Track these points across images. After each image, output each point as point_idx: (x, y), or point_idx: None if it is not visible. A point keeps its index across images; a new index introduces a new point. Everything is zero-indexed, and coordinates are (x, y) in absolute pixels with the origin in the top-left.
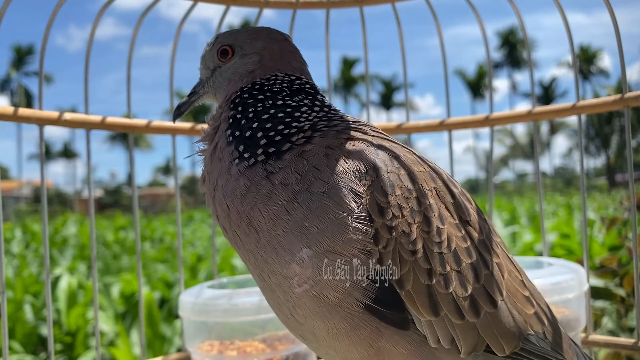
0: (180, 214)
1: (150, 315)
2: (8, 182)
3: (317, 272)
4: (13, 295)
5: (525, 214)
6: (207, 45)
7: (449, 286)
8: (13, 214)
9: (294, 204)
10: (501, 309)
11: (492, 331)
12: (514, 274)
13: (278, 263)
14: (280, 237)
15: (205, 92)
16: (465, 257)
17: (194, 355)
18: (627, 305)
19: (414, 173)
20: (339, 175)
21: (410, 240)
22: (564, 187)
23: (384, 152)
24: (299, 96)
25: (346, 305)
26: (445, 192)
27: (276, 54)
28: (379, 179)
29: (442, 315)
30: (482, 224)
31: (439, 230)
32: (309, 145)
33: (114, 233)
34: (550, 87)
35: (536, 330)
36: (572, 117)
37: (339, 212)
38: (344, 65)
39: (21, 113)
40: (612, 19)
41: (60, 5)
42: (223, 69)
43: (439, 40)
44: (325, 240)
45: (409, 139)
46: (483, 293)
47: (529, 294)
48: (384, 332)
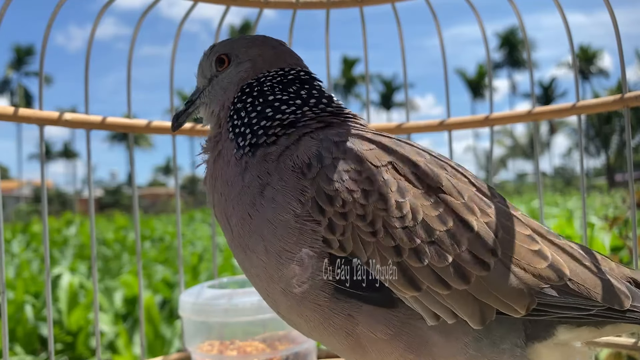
0: (180, 214)
1: (150, 318)
2: (8, 182)
3: (277, 269)
4: (14, 295)
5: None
6: (204, 53)
7: (423, 259)
8: (13, 214)
9: (253, 208)
10: (497, 269)
11: (492, 294)
12: (514, 231)
13: (248, 262)
14: (247, 239)
15: (202, 102)
16: (439, 224)
17: (194, 355)
18: None
19: (362, 152)
20: (285, 176)
21: (367, 222)
22: (564, 187)
23: (330, 139)
24: (293, 87)
25: (312, 297)
26: (405, 164)
27: (270, 58)
28: (323, 168)
29: (425, 289)
30: (463, 187)
31: (399, 204)
32: (273, 146)
33: (114, 233)
34: (550, 87)
35: (554, 282)
36: (572, 117)
37: (284, 215)
38: (344, 65)
39: (21, 113)
40: (612, 19)
41: (60, 5)
42: (219, 78)
43: (439, 40)
44: (277, 241)
45: (408, 139)
46: (469, 257)
47: (540, 247)
48: (358, 319)
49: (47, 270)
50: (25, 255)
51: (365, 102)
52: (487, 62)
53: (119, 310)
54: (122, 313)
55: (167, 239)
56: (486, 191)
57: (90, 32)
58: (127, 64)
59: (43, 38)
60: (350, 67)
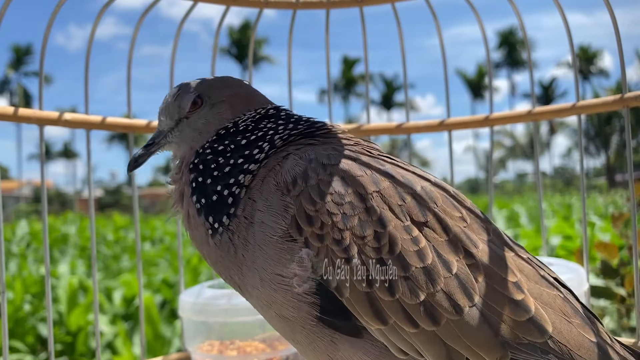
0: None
1: (150, 318)
2: (8, 182)
3: (271, 295)
4: (13, 295)
5: (526, 214)
6: (168, 96)
7: (393, 293)
8: (13, 213)
9: (246, 248)
10: (470, 315)
11: (462, 341)
12: (499, 276)
13: (248, 295)
14: (246, 279)
15: (168, 142)
16: (416, 260)
17: (194, 355)
18: (627, 305)
19: (350, 178)
20: (269, 196)
21: (342, 248)
22: (564, 187)
23: (318, 159)
24: (262, 123)
25: (301, 320)
26: (392, 195)
27: (243, 98)
28: (307, 187)
29: (392, 324)
30: (451, 223)
31: (377, 234)
32: (254, 180)
33: (114, 233)
34: (550, 87)
35: (532, 339)
36: (572, 117)
37: (272, 236)
38: (344, 65)
39: (21, 113)
40: (612, 19)
41: (60, 5)
42: (191, 120)
43: (439, 40)
44: (269, 266)
45: (408, 139)
46: (442, 298)
47: (524, 297)
48: (339, 344)
49: (47, 270)
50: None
51: (365, 102)
52: (487, 62)
53: (120, 310)
54: (122, 313)
55: (167, 239)
56: (480, 226)
57: (91, 31)
58: (127, 63)
59: (43, 38)
60: (350, 67)
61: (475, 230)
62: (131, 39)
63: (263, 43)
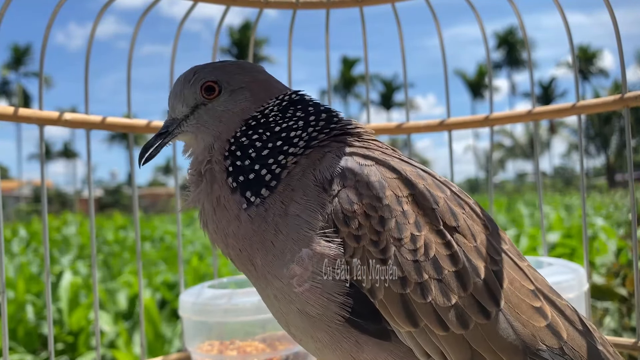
0: (180, 214)
1: (150, 318)
2: (8, 182)
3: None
4: (14, 295)
5: (526, 215)
6: (182, 80)
7: (426, 295)
8: (13, 213)
9: (276, 236)
10: (497, 320)
11: (488, 345)
12: (519, 283)
13: (264, 282)
14: (268, 267)
15: (182, 131)
16: (448, 264)
17: (194, 355)
18: (629, 305)
19: (385, 180)
20: (308, 191)
21: (379, 249)
22: (564, 187)
23: (355, 160)
24: (289, 111)
25: (326, 319)
26: (426, 198)
27: (262, 84)
28: (345, 188)
29: (423, 327)
30: (477, 229)
31: (413, 237)
32: (296, 167)
33: (114, 233)
34: (550, 87)
35: (550, 344)
36: (571, 117)
37: (308, 231)
38: (344, 65)
39: (21, 113)
40: (612, 19)
41: (60, 5)
42: (210, 107)
43: (439, 40)
44: (300, 260)
45: (408, 139)
46: (472, 303)
47: (541, 304)
48: (363, 346)
49: (47, 270)
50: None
51: (365, 102)
52: (487, 62)
53: (120, 310)
54: (123, 313)
55: (168, 239)
56: (497, 235)
57: (91, 31)
58: (127, 63)
59: (43, 38)
60: (350, 67)
61: (495, 238)
62: (131, 38)
63: (263, 43)
